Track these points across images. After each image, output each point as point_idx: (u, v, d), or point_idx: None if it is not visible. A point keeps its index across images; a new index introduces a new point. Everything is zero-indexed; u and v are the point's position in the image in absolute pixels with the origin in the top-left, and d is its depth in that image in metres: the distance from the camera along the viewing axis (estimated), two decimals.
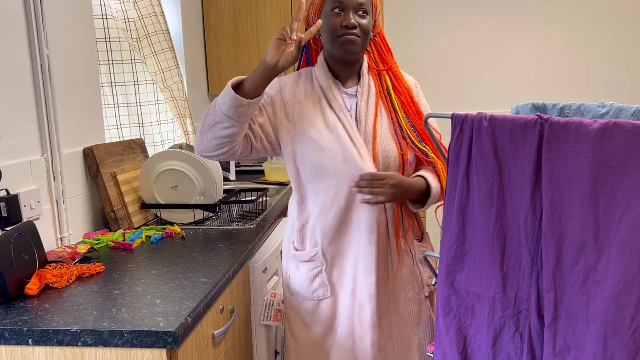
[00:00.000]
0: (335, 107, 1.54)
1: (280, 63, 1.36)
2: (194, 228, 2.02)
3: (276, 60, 1.35)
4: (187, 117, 2.69)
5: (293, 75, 1.64)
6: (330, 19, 1.50)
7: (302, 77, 1.62)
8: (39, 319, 1.21)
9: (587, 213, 0.95)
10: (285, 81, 1.61)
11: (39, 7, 1.68)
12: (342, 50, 1.51)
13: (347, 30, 1.48)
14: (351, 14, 1.49)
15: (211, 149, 1.48)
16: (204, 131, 1.49)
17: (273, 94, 1.58)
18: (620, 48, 3.50)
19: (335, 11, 1.50)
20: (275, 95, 1.58)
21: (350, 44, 1.49)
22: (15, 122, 1.60)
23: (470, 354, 1.16)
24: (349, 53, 1.52)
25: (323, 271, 1.58)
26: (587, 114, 1.14)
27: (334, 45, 1.52)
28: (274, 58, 1.35)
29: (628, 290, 0.91)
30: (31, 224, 1.47)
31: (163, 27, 2.49)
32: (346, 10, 1.49)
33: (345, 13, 1.49)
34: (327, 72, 1.57)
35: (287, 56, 1.36)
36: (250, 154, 1.55)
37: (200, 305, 1.28)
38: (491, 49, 3.57)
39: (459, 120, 1.09)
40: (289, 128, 1.55)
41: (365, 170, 1.49)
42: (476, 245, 1.11)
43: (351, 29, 1.48)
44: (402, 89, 1.59)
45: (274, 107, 1.56)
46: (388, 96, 1.58)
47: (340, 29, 1.49)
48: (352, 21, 1.48)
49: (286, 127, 1.55)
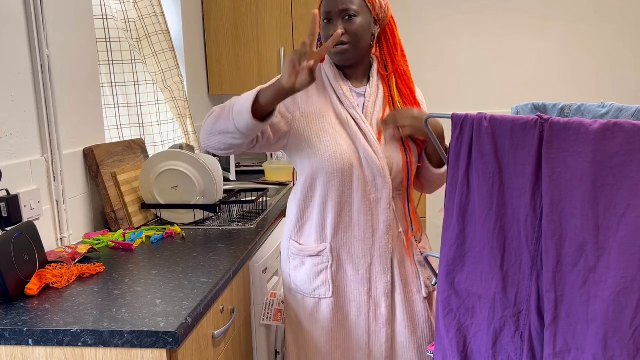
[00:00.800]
0: (346, 104, 1.56)
1: (297, 85, 1.34)
2: (194, 228, 2.02)
3: (292, 83, 1.33)
4: (187, 117, 2.69)
5: None
6: (322, 29, 1.54)
7: None
8: (39, 319, 1.21)
9: (587, 213, 0.95)
10: None
11: (39, 7, 1.68)
12: (335, 60, 1.56)
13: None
14: (339, 22, 1.50)
15: (218, 149, 1.52)
16: (213, 133, 1.49)
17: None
18: (620, 48, 3.50)
19: (325, 21, 1.53)
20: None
21: (341, 54, 1.52)
22: (15, 122, 1.60)
23: (470, 354, 1.16)
24: (342, 61, 1.55)
25: (327, 268, 1.58)
26: (587, 114, 1.14)
27: (330, 55, 1.57)
28: (289, 81, 1.33)
29: (628, 290, 0.91)
30: (31, 224, 1.47)
31: (163, 27, 2.49)
32: (333, 20, 1.51)
33: (333, 22, 1.51)
34: (336, 70, 1.59)
35: (302, 77, 1.33)
36: (252, 150, 1.56)
37: (200, 305, 1.28)
38: (491, 48, 3.57)
39: (459, 120, 1.09)
40: (302, 123, 1.55)
41: (379, 163, 1.52)
42: (476, 245, 1.11)
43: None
44: (406, 91, 1.60)
45: (286, 104, 1.56)
46: (392, 98, 1.59)
47: (329, 38, 1.51)
48: (338, 30, 1.46)
49: (299, 122, 1.55)
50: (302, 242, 1.63)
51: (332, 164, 1.52)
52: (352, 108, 1.55)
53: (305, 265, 1.61)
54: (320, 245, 1.59)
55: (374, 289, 1.58)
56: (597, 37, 3.50)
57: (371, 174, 1.53)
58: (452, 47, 3.60)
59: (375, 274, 1.57)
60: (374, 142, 1.53)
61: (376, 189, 1.54)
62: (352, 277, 1.58)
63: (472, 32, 3.57)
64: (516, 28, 3.53)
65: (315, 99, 1.58)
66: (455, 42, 3.59)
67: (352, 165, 1.52)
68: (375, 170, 1.52)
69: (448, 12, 3.56)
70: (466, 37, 3.57)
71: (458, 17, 3.56)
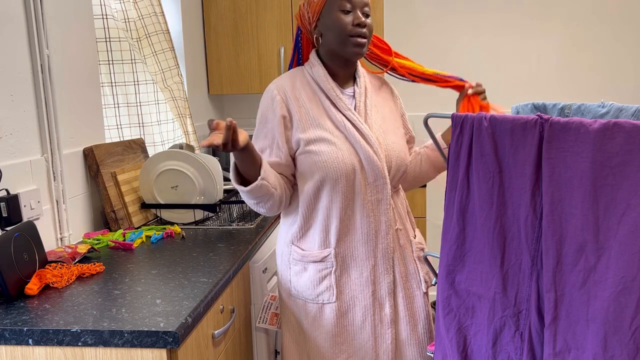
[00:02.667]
0: (340, 106, 1.54)
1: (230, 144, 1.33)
2: (194, 228, 2.02)
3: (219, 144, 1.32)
4: (187, 116, 2.69)
5: (287, 78, 1.60)
6: (340, 18, 1.50)
7: (297, 79, 1.60)
8: (39, 318, 1.21)
9: (587, 213, 0.95)
10: (284, 88, 1.57)
11: (39, 7, 1.68)
12: (352, 51, 1.51)
13: (359, 29, 1.49)
14: (359, 13, 1.50)
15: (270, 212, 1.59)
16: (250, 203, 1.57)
17: (279, 116, 1.55)
18: (620, 47, 3.50)
19: (345, 11, 1.50)
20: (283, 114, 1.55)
21: (361, 46, 1.51)
22: (15, 122, 1.60)
23: (470, 353, 1.16)
24: (357, 54, 1.53)
25: (331, 273, 1.56)
26: (587, 113, 1.14)
27: (345, 45, 1.51)
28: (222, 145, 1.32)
29: (628, 290, 0.91)
30: (31, 223, 1.47)
31: (163, 27, 2.49)
32: (354, 9, 1.50)
33: (354, 12, 1.50)
34: (326, 71, 1.57)
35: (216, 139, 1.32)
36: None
37: (200, 305, 1.28)
38: (491, 48, 3.57)
39: (459, 120, 1.10)
40: (300, 134, 1.53)
41: (380, 164, 1.51)
42: (476, 245, 1.11)
43: (363, 27, 1.49)
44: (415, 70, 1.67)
45: (286, 130, 1.55)
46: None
47: (351, 27, 1.49)
48: (363, 19, 1.49)
49: (298, 134, 1.53)
50: (305, 248, 1.59)
51: (335, 170, 1.50)
52: (347, 110, 1.54)
53: (308, 271, 1.58)
54: (325, 251, 1.56)
55: (378, 290, 1.57)
56: (597, 37, 3.50)
57: (372, 176, 1.52)
58: (452, 47, 3.60)
59: (379, 275, 1.56)
60: (374, 142, 1.52)
61: (377, 190, 1.53)
62: (356, 280, 1.56)
63: (472, 32, 3.57)
64: (516, 28, 3.53)
65: (308, 107, 1.55)
66: (455, 42, 3.59)
67: (354, 169, 1.51)
68: (377, 172, 1.52)
69: (448, 12, 3.56)
70: (466, 37, 3.57)
71: (458, 17, 3.56)
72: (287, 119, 1.54)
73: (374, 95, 1.64)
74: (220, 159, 2.88)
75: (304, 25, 1.60)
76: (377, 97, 1.65)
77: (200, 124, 3.10)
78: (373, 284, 1.56)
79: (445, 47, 3.60)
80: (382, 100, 1.66)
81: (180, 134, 2.71)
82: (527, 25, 3.52)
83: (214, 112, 3.43)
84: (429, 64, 3.31)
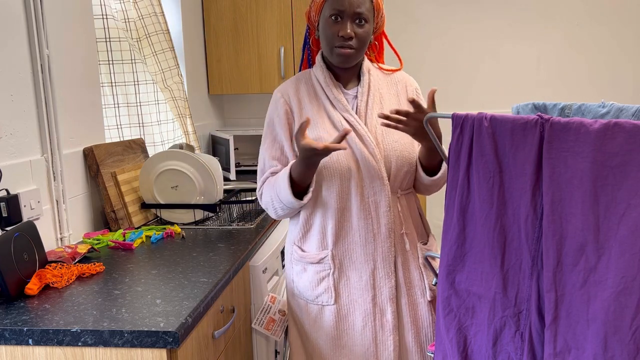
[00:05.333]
0: (339, 107, 1.54)
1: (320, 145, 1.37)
2: (194, 228, 2.02)
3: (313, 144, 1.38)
4: (187, 117, 2.69)
5: (292, 82, 1.63)
6: (328, 26, 1.49)
7: (302, 82, 1.62)
8: (39, 318, 1.21)
9: (587, 213, 0.95)
10: (288, 91, 1.60)
11: (39, 7, 1.68)
12: (337, 60, 1.52)
13: (343, 42, 1.48)
14: (348, 23, 1.47)
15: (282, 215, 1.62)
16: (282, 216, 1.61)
17: (283, 114, 1.58)
18: (621, 47, 3.50)
19: (333, 18, 1.48)
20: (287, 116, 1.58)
21: (345, 57, 1.50)
22: (15, 122, 1.60)
23: (470, 353, 1.16)
24: (343, 63, 1.53)
25: (330, 275, 1.55)
26: (588, 113, 1.14)
27: (330, 54, 1.52)
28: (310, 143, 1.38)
29: (628, 290, 0.91)
30: (31, 223, 1.47)
31: (163, 27, 2.49)
32: (344, 19, 1.48)
33: (343, 21, 1.48)
34: (326, 72, 1.57)
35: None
36: None
37: (200, 305, 1.28)
38: (491, 48, 3.57)
39: (459, 120, 1.09)
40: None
41: (376, 165, 1.51)
42: (476, 245, 1.11)
43: (347, 40, 1.48)
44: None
45: (289, 126, 1.59)
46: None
47: (336, 38, 1.48)
48: (349, 31, 1.46)
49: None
50: (305, 249, 1.60)
51: (330, 170, 1.51)
52: (346, 111, 1.54)
53: (307, 271, 1.59)
54: (322, 253, 1.56)
55: (379, 295, 1.54)
56: (597, 38, 3.50)
57: (369, 177, 1.51)
58: (453, 47, 3.60)
59: (379, 279, 1.54)
60: (370, 142, 1.51)
61: (374, 192, 1.52)
62: (356, 284, 1.55)
63: (472, 32, 3.57)
64: (517, 28, 3.53)
65: (308, 107, 1.57)
66: (455, 42, 3.59)
67: (349, 170, 1.51)
68: (373, 173, 1.51)
69: (448, 13, 3.56)
70: (467, 37, 3.57)
71: (458, 18, 3.56)
72: (290, 114, 1.58)
73: (384, 93, 1.61)
74: (220, 159, 2.88)
75: (311, 23, 1.60)
76: (388, 94, 1.62)
77: (200, 123, 3.10)
78: (373, 289, 1.54)
79: (446, 48, 3.60)
80: (393, 96, 1.62)
81: (180, 134, 2.71)
82: (527, 26, 3.52)
83: (214, 112, 3.43)
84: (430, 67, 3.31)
